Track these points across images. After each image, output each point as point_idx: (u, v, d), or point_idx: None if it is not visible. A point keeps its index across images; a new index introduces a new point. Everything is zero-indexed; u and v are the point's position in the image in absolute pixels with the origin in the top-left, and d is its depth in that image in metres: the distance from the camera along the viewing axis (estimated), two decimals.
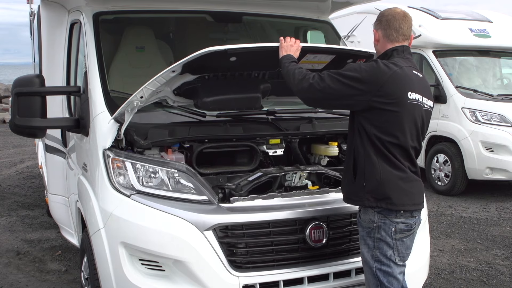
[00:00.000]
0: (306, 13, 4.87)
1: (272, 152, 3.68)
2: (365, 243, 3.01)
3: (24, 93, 3.58)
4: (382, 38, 3.08)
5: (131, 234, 3.12)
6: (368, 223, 2.97)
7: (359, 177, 2.96)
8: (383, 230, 2.94)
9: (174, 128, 3.44)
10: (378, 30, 3.11)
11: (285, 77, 3.04)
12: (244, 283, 3.06)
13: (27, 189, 8.69)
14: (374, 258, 2.98)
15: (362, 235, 3.04)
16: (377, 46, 3.13)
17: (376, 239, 2.96)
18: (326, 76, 2.92)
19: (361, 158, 2.94)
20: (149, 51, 4.58)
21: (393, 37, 3.05)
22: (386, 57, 3.03)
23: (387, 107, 2.85)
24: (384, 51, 3.07)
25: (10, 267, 5.36)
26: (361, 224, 3.03)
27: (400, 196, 2.90)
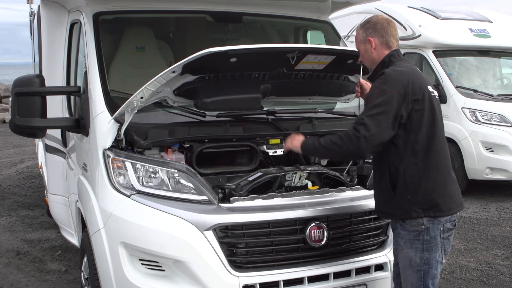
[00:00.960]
0: (306, 13, 4.87)
1: (272, 152, 3.68)
2: (412, 246, 2.93)
3: (24, 93, 3.58)
4: (380, 45, 3.05)
5: (131, 234, 3.12)
6: (415, 226, 2.92)
7: (401, 192, 2.91)
8: (432, 231, 2.91)
9: (174, 128, 3.44)
10: (375, 38, 3.05)
11: (330, 154, 2.97)
12: (244, 283, 3.06)
13: (27, 189, 8.69)
14: (423, 260, 2.93)
15: (407, 239, 2.95)
16: (373, 54, 3.07)
17: (425, 241, 2.91)
18: (363, 120, 2.85)
19: (401, 171, 2.89)
20: (149, 51, 4.58)
21: (391, 43, 3.06)
22: (385, 65, 3.02)
23: (418, 106, 2.86)
24: (382, 60, 3.04)
25: (10, 267, 5.36)
26: (406, 228, 2.95)
27: (446, 201, 2.91)
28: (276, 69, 3.44)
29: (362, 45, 3.10)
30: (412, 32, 9.03)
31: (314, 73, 3.57)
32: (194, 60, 3.02)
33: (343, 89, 3.86)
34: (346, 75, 3.74)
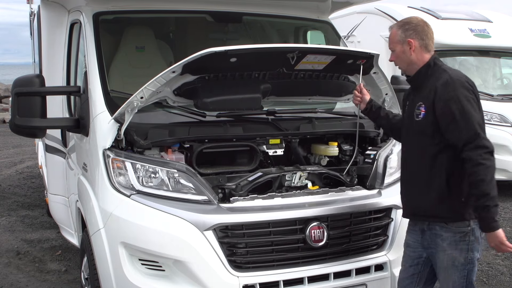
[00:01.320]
0: (306, 13, 4.87)
1: (272, 152, 3.68)
2: (457, 247, 2.92)
3: (24, 93, 3.58)
4: (419, 48, 3.01)
5: (131, 234, 3.12)
6: (462, 227, 2.92)
7: (455, 195, 2.90)
8: (476, 232, 2.93)
9: (174, 128, 3.44)
10: (415, 40, 3.00)
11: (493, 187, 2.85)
12: (244, 283, 3.07)
13: (27, 189, 8.69)
14: (467, 260, 2.94)
15: (452, 240, 2.94)
16: (411, 56, 3.02)
17: (470, 242, 2.92)
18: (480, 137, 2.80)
19: (457, 174, 2.89)
20: (149, 51, 4.58)
21: (430, 47, 3.04)
22: (430, 68, 3.00)
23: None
24: (427, 62, 3.01)
25: (10, 267, 5.36)
26: (451, 230, 2.93)
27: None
28: (276, 69, 3.44)
29: (399, 46, 3.04)
30: None
31: (314, 73, 3.57)
32: (194, 60, 3.02)
33: (343, 89, 3.86)
34: (346, 75, 3.73)
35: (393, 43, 3.08)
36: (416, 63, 3.03)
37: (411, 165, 3.07)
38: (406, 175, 3.13)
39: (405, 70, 3.13)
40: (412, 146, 3.06)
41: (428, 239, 3.04)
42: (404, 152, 3.16)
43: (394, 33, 3.07)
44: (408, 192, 3.11)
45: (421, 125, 2.95)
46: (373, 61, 3.48)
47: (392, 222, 3.52)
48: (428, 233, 3.03)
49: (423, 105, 2.94)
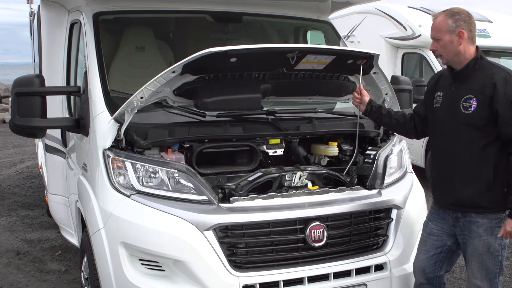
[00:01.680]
0: (306, 13, 4.87)
1: (272, 152, 3.68)
2: (493, 233, 3.02)
3: (24, 93, 3.58)
4: (467, 40, 3.02)
5: (131, 234, 3.12)
6: (498, 213, 3.02)
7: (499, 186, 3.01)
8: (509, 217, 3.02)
9: (174, 128, 3.44)
10: (465, 31, 3.00)
11: None
12: (244, 283, 3.06)
13: (27, 189, 8.69)
14: (501, 246, 3.06)
15: (488, 226, 3.03)
16: (459, 47, 3.02)
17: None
18: None
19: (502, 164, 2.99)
20: (149, 51, 4.58)
21: (475, 39, 3.06)
22: (478, 61, 3.03)
23: None
24: (475, 56, 3.04)
25: (10, 267, 5.36)
26: (488, 216, 3.03)
27: None
28: (276, 69, 3.44)
29: (448, 35, 3.01)
30: (412, 32, 9.03)
31: (314, 73, 3.57)
32: (194, 60, 3.02)
33: (343, 89, 3.86)
34: (346, 75, 3.73)
35: (441, 32, 3.03)
36: (463, 55, 3.03)
37: (455, 156, 3.07)
38: (446, 167, 3.15)
39: (448, 61, 3.10)
40: (456, 138, 3.06)
41: (462, 226, 3.12)
42: (440, 144, 3.18)
43: (442, 21, 3.03)
44: (449, 183, 3.12)
45: (472, 118, 2.98)
46: (373, 61, 3.48)
47: (392, 222, 3.52)
48: (462, 221, 3.11)
49: (474, 99, 2.97)
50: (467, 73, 3.04)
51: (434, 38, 3.08)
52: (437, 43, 3.07)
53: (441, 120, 3.16)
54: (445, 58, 3.09)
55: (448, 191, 3.14)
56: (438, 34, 3.05)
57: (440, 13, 3.08)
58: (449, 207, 3.17)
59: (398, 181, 3.78)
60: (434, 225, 3.28)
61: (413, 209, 3.65)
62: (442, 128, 3.16)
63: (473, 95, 2.98)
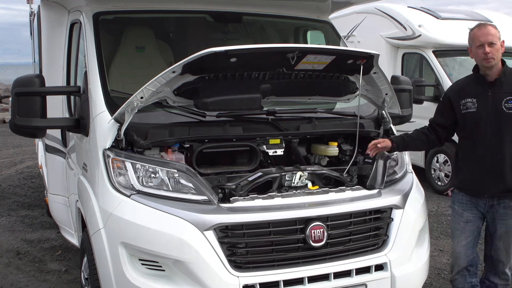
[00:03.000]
0: (306, 13, 4.87)
1: (272, 152, 3.68)
2: None
3: (24, 93, 3.58)
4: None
5: (131, 234, 3.12)
6: None
7: None
8: None
9: (174, 128, 3.44)
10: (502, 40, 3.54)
11: None
12: (244, 283, 3.06)
13: (27, 189, 8.69)
14: None
15: None
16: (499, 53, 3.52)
17: None
18: None
19: None
20: (149, 51, 4.58)
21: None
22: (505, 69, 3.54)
23: None
24: (505, 63, 3.56)
25: (10, 267, 5.36)
26: None
27: None
28: (276, 69, 3.44)
29: (499, 42, 3.52)
30: (412, 32, 9.03)
31: (314, 73, 3.57)
32: (194, 60, 3.02)
33: (343, 89, 3.86)
34: (346, 75, 3.73)
35: (496, 38, 3.50)
36: (500, 61, 3.54)
37: (502, 151, 3.49)
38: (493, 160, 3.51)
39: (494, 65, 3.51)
40: (501, 135, 3.48)
41: (496, 211, 3.59)
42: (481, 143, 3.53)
43: (494, 29, 3.53)
44: (497, 174, 3.52)
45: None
46: (373, 61, 3.48)
47: (392, 222, 3.52)
48: (497, 207, 3.59)
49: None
50: (502, 79, 3.52)
51: (492, 42, 3.47)
52: (491, 47, 3.48)
53: (481, 121, 3.54)
54: (495, 61, 3.50)
55: (497, 181, 3.52)
56: (495, 39, 3.49)
57: (486, 23, 3.62)
58: (497, 195, 3.56)
59: (398, 181, 3.79)
60: (469, 213, 3.69)
61: (413, 209, 3.66)
62: (484, 128, 3.53)
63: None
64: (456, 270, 3.82)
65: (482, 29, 3.53)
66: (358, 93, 3.80)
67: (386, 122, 3.98)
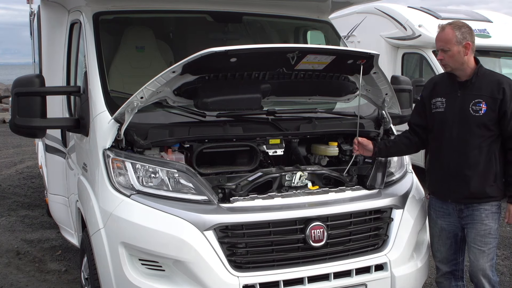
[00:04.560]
0: (306, 13, 4.87)
1: (272, 152, 3.68)
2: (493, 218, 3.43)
3: (24, 93, 3.58)
4: (471, 51, 3.35)
5: (131, 234, 3.12)
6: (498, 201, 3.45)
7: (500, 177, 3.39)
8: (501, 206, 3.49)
9: (174, 128, 3.44)
10: (470, 42, 3.34)
11: None
12: (244, 283, 3.06)
13: (27, 189, 8.69)
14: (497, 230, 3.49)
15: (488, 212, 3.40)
16: (464, 57, 3.33)
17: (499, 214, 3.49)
18: None
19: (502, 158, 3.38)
20: (149, 51, 4.58)
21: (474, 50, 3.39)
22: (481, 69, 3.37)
23: None
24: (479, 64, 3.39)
25: (10, 267, 5.36)
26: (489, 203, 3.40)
27: None
28: (276, 69, 3.44)
29: (456, 46, 3.30)
30: (412, 32, 9.03)
31: (314, 73, 3.57)
32: (194, 60, 3.02)
33: (343, 89, 3.86)
34: (346, 75, 3.73)
35: (450, 43, 3.30)
36: (467, 64, 3.35)
37: (466, 154, 3.35)
38: (456, 165, 3.39)
39: (454, 70, 3.38)
40: (466, 138, 3.35)
41: (466, 216, 3.45)
42: (448, 145, 3.41)
43: (451, 33, 3.31)
44: (461, 179, 3.39)
45: (482, 119, 3.30)
46: (373, 61, 3.48)
47: (392, 222, 3.52)
48: (465, 210, 3.44)
49: (484, 102, 3.30)
50: (473, 80, 3.35)
51: (443, 49, 3.33)
52: (444, 53, 3.33)
53: (447, 123, 3.41)
54: (451, 67, 3.37)
55: (461, 187, 3.39)
56: (447, 45, 3.31)
57: (446, 25, 3.36)
58: (462, 200, 3.43)
59: (398, 181, 3.79)
60: (443, 221, 3.57)
61: (413, 209, 3.66)
62: (449, 130, 3.40)
63: (482, 99, 3.31)
64: (440, 273, 3.72)
65: (439, 34, 3.37)
66: (358, 93, 3.80)
67: (386, 122, 3.98)
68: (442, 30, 3.35)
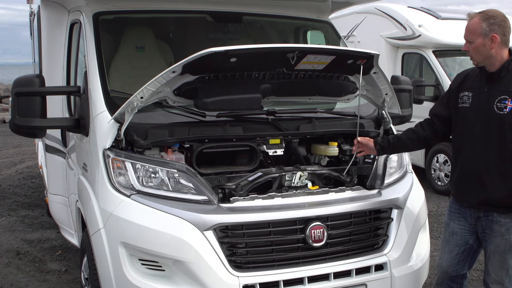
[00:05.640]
0: (306, 13, 4.87)
1: (272, 152, 3.68)
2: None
3: (24, 93, 3.58)
4: (500, 43, 3.04)
5: (131, 234, 3.12)
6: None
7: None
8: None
9: (174, 128, 3.44)
10: (498, 35, 3.03)
11: None
12: (244, 283, 3.06)
13: (27, 189, 8.69)
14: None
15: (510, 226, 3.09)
16: (491, 50, 3.05)
17: None
18: None
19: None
20: (149, 51, 4.58)
21: (509, 42, 3.07)
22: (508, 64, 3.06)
23: None
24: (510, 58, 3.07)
25: (10, 267, 5.36)
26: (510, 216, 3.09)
27: None
28: (276, 69, 3.44)
29: (481, 39, 3.04)
30: (412, 32, 9.03)
31: (314, 73, 3.57)
32: (194, 60, 3.02)
33: (343, 89, 3.86)
34: (346, 75, 3.73)
35: (474, 34, 3.06)
36: (495, 58, 3.06)
37: (485, 156, 3.08)
38: (475, 166, 3.13)
39: (480, 63, 3.13)
40: (487, 138, 3.07)
41: (484, 225, 3.18)
42: (469, 143, 3.16)
43: (476, 23, 3.06)
44: (479, 182, 3.12)
45: (507, 118, 3.00)
46: (373, 61, 3.48)
47: (392, 222, 3.52)
48: (484, 220, 3.17)
49: (510, 99, 3.00)
50: (501, 74, 3.07)
51: (467, 40, 3.11)
52: (469, 44, 3.10)
53: (471, 120, 3.16)
54: (476, 60, 3.13)
55: (477, 190, 3.14)
56: (471, 36, 3.08)
57: (475, 14, 3.11)
58: (477, 206, 3.18)
59: (398, 181, 3.79)
60: (456, 224, 3.34)
61: (413, 209, 3.66)
62: (472, 128, 3.15)
63: (509, 96, 3.01)
64: (439, 282, 3.51)
65: (467, 23, 3.15)
66: (358, 93, 3.80)
67: (386, 122, 3.98)
68: (469, 19, 3.13)
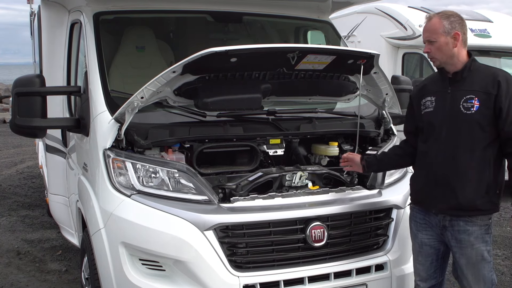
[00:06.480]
0: (306, 13, 4.88)
1: (272, 152, 3.69)
2: (483, 240, 2.99)
3: (25, 93, 3.58)
4: (461, 42, 2.98)
5: (132, 234, 3.12)
6: (485, 221, 3.00)
7: (494, 188, 2.98)
8: (492, 223, 3.07)
9: (174, 128, 3.44)
10: (460, 33, 2.96)
11: None
12: (245, 283, 3.07)
13: (27, 189, 8.70)
14: (490, 253, 3.05)
15: (479, 233, 2.97)
16: (453, 49, 2.97)
17: (491, 234, 3.06)
18: None
19: (496, 169, 2.97)
20: (149, 51, 4.59)
21: (467, 43, 3.02)
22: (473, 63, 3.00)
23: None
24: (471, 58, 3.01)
25: (11, 267, 5.36)
26: (477, 224, 2.97)
27: None
28: (276, 69, 3.44)
29: (444, 37, 2.96)
30: (412, 32, 9.03)
31: (314, 73, 3.57)
32: (195, 60, 3.02)
33: (343, 89, 3.86)
34: (347, 75, 3.74)
35: (436, 34, 2.97)
36: (457, 57, 2.98)
37: (454, 160, 2.96)
38: (442, 171, 3.00)
39: (441, 64, 3.04)
40: (455, 141, 2.96)
41: (450, 236, 3.05)
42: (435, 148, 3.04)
43: (438, 23, 2.97)
44: (447, 187, 2.99)
45: (474, 118, 2.91)
46: (373, 61, 3.48)
47: (392, 222, 3.53)
48: (450, 230, 3.03)
49: (476, 98, 2.91)
50: (463, 75, 2.99)
51: (429, 40, 3.01)
52: (431, 45, 3.00)
53: (436, 123, 3.04)
54: (439, 60, 3.03)
55: (446, 196, 3.00)
56: (433, 36, 2.98)
57: (434, 15, 3.03)
58: (446, 211, 3.03)
59: (399, 181, 3.79)
60: (424, 235, 3.19)
61: None
62: (438, 132, 3.03)
63: (475, 95, 2.92)
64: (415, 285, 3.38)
65: (425, 24, 3.04)
66: (358, 93, 3.80)
67: (386, 122, 3.98)
68: (429, 20, 3.02)
